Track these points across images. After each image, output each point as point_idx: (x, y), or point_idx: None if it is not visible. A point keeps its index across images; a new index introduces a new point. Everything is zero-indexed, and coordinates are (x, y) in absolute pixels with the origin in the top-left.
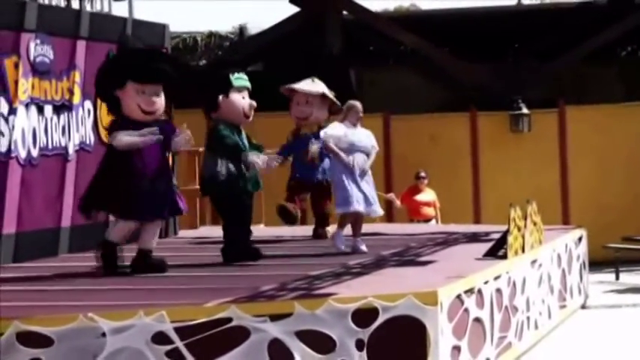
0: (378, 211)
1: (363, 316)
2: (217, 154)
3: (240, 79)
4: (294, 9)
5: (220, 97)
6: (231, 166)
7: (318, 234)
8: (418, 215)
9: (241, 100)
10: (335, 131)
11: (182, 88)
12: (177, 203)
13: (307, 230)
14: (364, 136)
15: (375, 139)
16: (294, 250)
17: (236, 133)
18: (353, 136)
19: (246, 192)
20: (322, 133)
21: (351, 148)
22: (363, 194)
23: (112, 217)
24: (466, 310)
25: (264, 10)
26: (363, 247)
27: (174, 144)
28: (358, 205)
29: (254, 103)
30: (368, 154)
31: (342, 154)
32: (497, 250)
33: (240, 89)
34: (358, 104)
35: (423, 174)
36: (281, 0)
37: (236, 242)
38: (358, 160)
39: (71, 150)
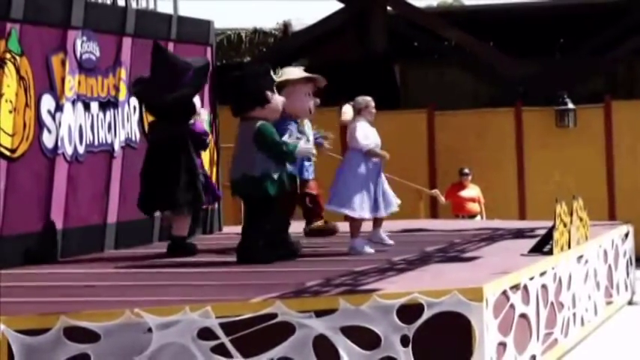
0: (394, 207)
1: (408, 311)
2: (269, 154)
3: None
4: (338, 5)
5: (269, 94)
6: (280, 167)
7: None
8: (463, 211)
9: (280, 99)
10: (373, 137)
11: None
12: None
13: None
14: (376, 134)
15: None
16: (337, 246)
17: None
18: (375, 136)
19: (288, 192)
20: (363, 142)
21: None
22: (382, 196)
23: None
24: (512, 306)
25: (309, 6)
26: (388, 240)
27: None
28: (374, 211)
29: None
30: None
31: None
32: (543, 245)
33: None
34: (372, 101)
35: (466, 170)
36: None
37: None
38: (376, 163)
39: (117, 146)
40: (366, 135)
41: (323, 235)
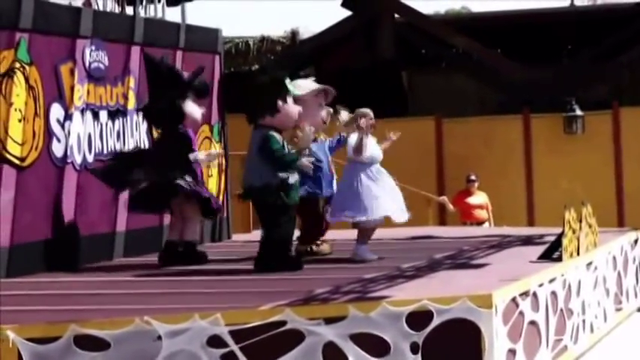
0: (405, 216)
1: (418, 319)
2: (270, 164)
3: (292, 84)
4: (346, 13)
5: (280, 103)
6: (284, 175)
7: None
8: (470, 218)
9: (295, 107)
10: (370, 149)
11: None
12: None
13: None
14: (375, 145)
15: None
16: (346, 254)
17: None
18: (371, 147)
19: (295, 202)
20: (351, 149)
21: (372, 160)
22: (389, 201)
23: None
24: (521, 313)
25: (316, 14)
26: (367, 256)
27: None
28: (386, 212)
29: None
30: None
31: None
32: (552, 252)
33: (290, 95)
34: (370, 112)
35: (473, 177)
36: (333, 4)
37: (278, 252)
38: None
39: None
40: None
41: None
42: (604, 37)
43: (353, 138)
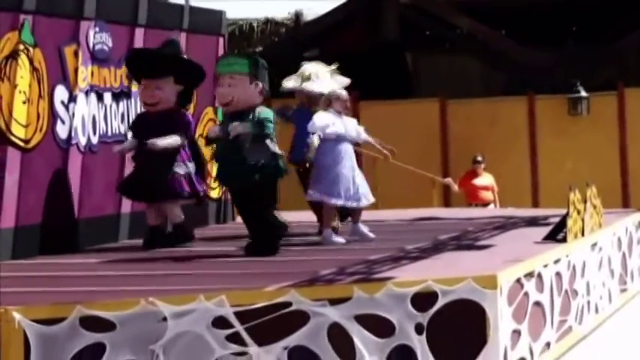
0: (364, 202)
1: (423, 300)
2: None
3: (221, 64)
4: None
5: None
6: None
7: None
8: (476, 199)
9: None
10: (322, 121)
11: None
12: (194, 185)
13: (370, 215)
14: (351, 126)
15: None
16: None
17: (227, 120)
18: (339, 126)
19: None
20: (310, 125)
21: (337, 139)
22: (352, 185)
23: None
24: (526, 293)
25: None
26: (369, 234)
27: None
28: (344, 200)
29: (222, 91)
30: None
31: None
32: (557, 233)
33: (221, 75)
34: (344, 92)
35: (479, 158)
36: None
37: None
38: (347, 150)
39: (130, 137)
40: (324, 122)
41: None
42: (611, 19)
43: (318, 116)
